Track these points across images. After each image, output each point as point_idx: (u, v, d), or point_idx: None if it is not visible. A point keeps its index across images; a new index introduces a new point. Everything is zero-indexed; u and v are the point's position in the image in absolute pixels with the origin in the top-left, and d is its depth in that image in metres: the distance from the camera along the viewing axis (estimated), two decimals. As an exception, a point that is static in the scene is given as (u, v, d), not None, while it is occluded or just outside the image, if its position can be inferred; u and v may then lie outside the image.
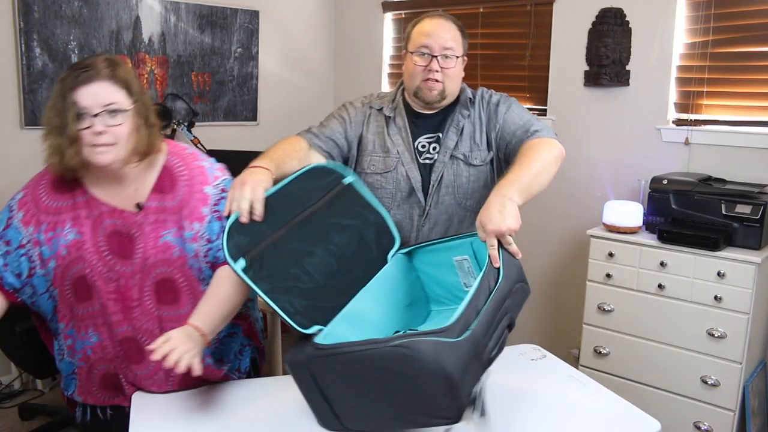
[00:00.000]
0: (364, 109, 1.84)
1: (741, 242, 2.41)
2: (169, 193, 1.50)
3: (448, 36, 1.70)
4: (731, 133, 2.69)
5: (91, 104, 1.35)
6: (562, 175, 3.39)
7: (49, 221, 1.46)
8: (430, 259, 1.62)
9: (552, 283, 3.33)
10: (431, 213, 1.75)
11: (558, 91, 3.23)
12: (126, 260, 1.46)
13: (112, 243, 1.46)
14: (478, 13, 3.49)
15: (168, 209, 1.49)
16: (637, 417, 1.42)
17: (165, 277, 1.48)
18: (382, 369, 1.13)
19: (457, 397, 1.11)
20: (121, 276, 1.46)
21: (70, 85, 1.35)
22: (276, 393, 1.52)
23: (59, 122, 1.36)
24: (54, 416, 2.81)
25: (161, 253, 1.47)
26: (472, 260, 1.54)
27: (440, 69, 1.69)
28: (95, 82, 1.35)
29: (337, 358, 1.18)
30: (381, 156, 1.78)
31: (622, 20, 2.93)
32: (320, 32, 4.23)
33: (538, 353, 1.71)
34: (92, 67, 1.36)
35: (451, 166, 1.75)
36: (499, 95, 1.82)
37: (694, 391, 2.47)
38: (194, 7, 3.55)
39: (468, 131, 1.77)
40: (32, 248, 1.46)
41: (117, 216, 1.47)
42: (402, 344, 1.09)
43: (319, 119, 1.86)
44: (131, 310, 1.48)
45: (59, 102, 1.36)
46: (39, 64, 3.05)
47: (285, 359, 1.25)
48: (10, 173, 3.04)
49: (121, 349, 1.49)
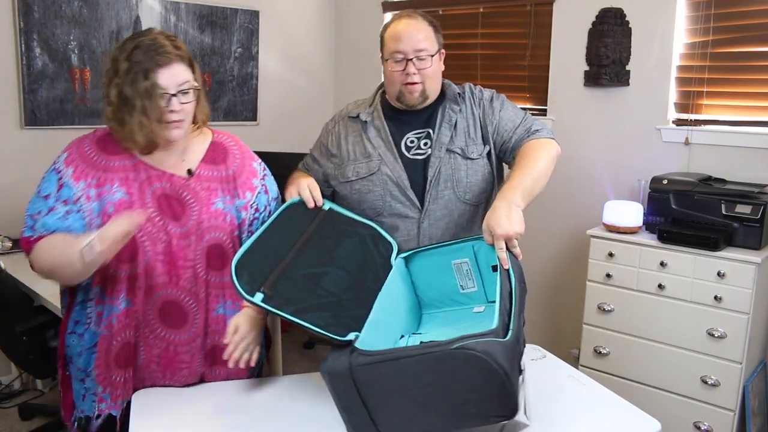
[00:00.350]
0: (336, 128, 1.85)
1: (741, 242, 2.41)
2: (221, 164, 1.60)
3: (420, 36, 1.68)
4: (731, 133, 2.69)
5: (169, 84, 1.43)
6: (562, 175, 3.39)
7: (98, 177, 1.48)
8: (428, 263, 1.64)
9: (552, 283, 3.33)
10: (430, 208, 1.74)
11: (558, 91, 3.23)
12: (177, 222, 1.50)
13: (162, 205, 1.50)
14: (478, 13, 3.49)
15: (221, 178, 1.59)
16: (637, 417, 1.42)
17: (216, 243, 1.54)
18: (440, 372, 1.15)
19: (513, 395, 1.15)
20: (172, 237, 1.49)
21: (147, 66, 1.41)
22: (276, 393, 1.52)
23: (137, 101, 1.42)
24: (54, 416, 2.82)
25: (214, 218, 1.54)
26: (472, 263, 1.58)
27: (417, 71, 1.69)
28: (173, 64, 1.44)
29: (388, 364, 1.18)
30: (363, 161, 1.77)
31: (622, 20, 2.93)
32: (320, 32, 4.23)
33: (538, 353, 1.71)
34: (164, 48, 1.43)
35: (449, 161, 1.74)
36: (490, 91, 1.82)
37: (694, 391, 2.48)
38: (194, 7, 3.55)
39: (461, 126, 1.77)
40: (85, 203, 1.47)
41: (166, 180, 1.52)
42: (464, 346, 1.13)
43: (319, 119, 1.87)
44: (180, 273, 1.50)
45: (136, 81, 1.41)
46: (39, 64, 3.05)
47: (322, 368, 1.22)
48: (10, 173, 3.04)
49: (160, 314, 1.50)
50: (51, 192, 1.47)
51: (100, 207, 1.46)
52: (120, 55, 1.44)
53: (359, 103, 1.88)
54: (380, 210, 1.75)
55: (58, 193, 1.47)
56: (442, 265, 1.61)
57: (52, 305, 2.33)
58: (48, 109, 3.10)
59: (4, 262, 2.57)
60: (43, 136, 3.09)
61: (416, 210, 1.74)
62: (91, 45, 3.20)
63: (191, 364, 1.55)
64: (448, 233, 1.74)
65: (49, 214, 1.45)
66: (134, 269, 1.47)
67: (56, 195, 1.47)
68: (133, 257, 1.47)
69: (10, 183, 3.05)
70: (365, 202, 1.76)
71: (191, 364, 1.55)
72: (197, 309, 1.53)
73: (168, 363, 1.53)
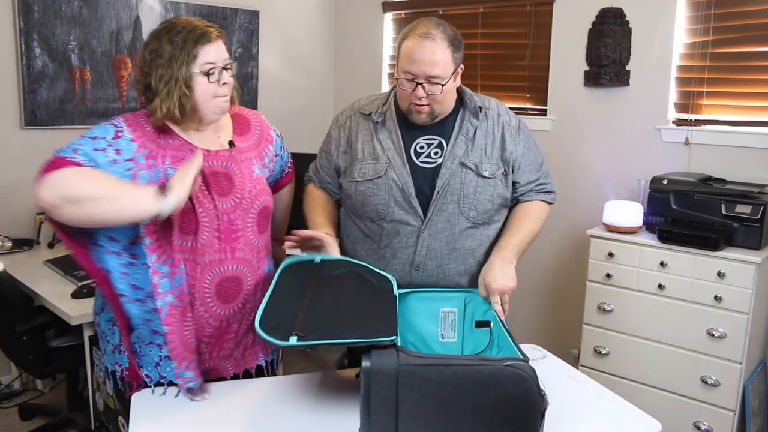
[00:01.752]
0: (348, 123, 1.81)
1: (741, 242, 2.41)
2: (246, 134, 1.70)
3: (435, 60, 1.59)
4: (731, 133, 2.69)
5: (217, 59, 1.50)
6: (562, 176, 3.40)
7: (153, 149, 1.50)
8: (417, 306, 1.64)
9: (552, 283, 3.33)
10: (432, 219, 1.70)
11: (558, 91, 3.23)
12: (226, 197, 1.55)
13: (211, 182, 1.54)
14: (478, 13, 3.49)
15: (251, 147, 1.69)
16: (637, 417, 1.42)
17: (266, 205, 1.65)
18: (484, 386, 1.18)
19: (542, 416, 1.21)
20: (223, 213, 1.54)
21: (194, 41, 1.47)
22: (276, 393, 1.52)
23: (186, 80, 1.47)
24: (54, 416, 2.82)
25: (258, 184, 1.64)
26: (459, 314, 1.65)
27: (426, 95, 1.62)
28: (218, 41, 1.51)
29: (439, 368, 1.19)
30: (371, 163, 1.73)
31: (622, 20, 2.93)
32: (320, 32, 4.23)
33: (538, 353, 1.72)
34: (205, 27, 1.49)
35: (460, 174, 1.69)
36: (517, 118, 1.81)
37: (694, 391, 2.48)
38: (194, 7, 3.55)
39: (480, 143, 1.72)
40: (134, 166, 1.48)
41: (212, 157, 1.57)
42: (512, 365, 1.20)
43: (319, 119, 1.87)
44: (234, 245, 1.56)
45: (181, 57, 1.46)
46: (39, 64, 3.05)
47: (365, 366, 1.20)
48: (10, 173, 3.04)
49: (216, 292, 1.54)
50: (105, 137, 1.47)
51: (149, 177, 1.48)
52: (159, 43, 1.47)
53: (372, 99, 1.82)
54: (383, 214, 1.72)
55: (113, 140, 1.47)
56: (430, 310, 1.63)
57: (52, 305, 2.33)
58: (48, 109, 3.10)
59: (4, 262, 2.57)
60: (43, 136, 3.09)
61: (418, 219, 1.70)
62: (91, 45, 3.20)
63: (238, 331, 1.61)
64: (447, 247, 1.71)
65: (96, 152, 1.44)
66: (195, 242, 1.50)
67: (110, 141, 1.47)
68: (194, 230, 1.50)
69: (10, 183, 3.05)
70: (368, 205, 1.73)
71: (238, 332, 1.61)
72: (249, 275, 1.60)
73: (218, 336, 1.58)
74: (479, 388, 1.18)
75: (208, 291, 1.53)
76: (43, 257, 2.82)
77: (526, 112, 3.36)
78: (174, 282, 1.47)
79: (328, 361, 3.31)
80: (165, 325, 1.44)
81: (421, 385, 1.19)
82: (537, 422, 1.20)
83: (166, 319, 1.45)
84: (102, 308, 1.62)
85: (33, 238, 3.04)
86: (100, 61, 3.24)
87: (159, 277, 1.45)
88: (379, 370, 1.20)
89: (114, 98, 3.31)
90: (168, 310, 1.45)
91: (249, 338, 1.66)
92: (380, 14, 3.97)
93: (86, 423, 2.63)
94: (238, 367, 1.66)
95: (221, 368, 1.63)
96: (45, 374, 2.60)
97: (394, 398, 1.19)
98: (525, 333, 3.34)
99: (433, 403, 1.19)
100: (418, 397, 1.19)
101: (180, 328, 1.46)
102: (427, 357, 1.22)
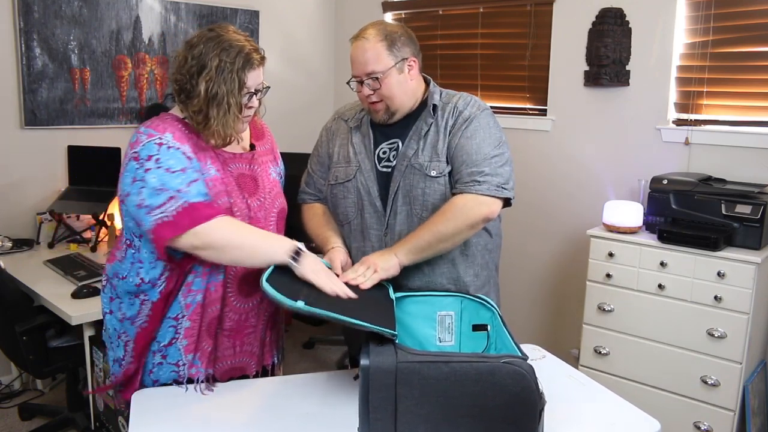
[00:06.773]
0: (332, 127, 1.87)
1: (741, 242, 2.41)
2: (262, 138, 1.77)
3: (368, 58, 1.65)
4: (731, 133, 2.69)
5: (253, 85, 1.57)
6: (562, 175, 3.40)
7: (197, 152, 1.55)
8: (413, 309, 1.63)
9: (552, 283, 3.33)
10: (391, 223, 1.72)
11: (558, 91, 3.23)
12: (253, 197, 1.63)
13: (241, 183, 1.61)
14: (478, 13, 3.49)
15: (266, 151, 1.75)
16: (637, 417, 1.42)
17: (283, 207, 1.72)
18: (482, 382, 1.18)
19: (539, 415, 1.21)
20: (253, 211, 1.62)
21: (240, 68, 1.52)
22: (276, 393, 1.52)
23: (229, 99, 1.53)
24: (54, 416, 2.81)
25: (276, 186, 1.71)
26: (456, 317, 1.63)
27: (372, 91, 1.68)
28: (259, 68, 1.57)
29: (438, 365, 1.19)
30: (343, 166, 1.78)
31: (622, 20, 2.93)
32: (320, 32, 4.23)
33: (538, 353, 1.72)
34: (254, 54, 1.55)
35: (409, 176, 1.69)
36: (476, 110, 1.70)
37: (694, 391, 2.48)
38: (194, 7, 3.55)
39: (431, 140, 1.70)
40: (199, 176, 1.53)
41: (238, 160, 1.64)
42: (511, 362, 1.19)
43: (319, 119, 1.88)
44: None
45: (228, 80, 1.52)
46: (39, 64, 3.05)
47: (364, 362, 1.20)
48: (10, 173, 3.04)
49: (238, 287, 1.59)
50: (185, 166, 1.49)
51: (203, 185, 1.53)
52: (207, 50, 1.50)
53: (353, 105, 1.87)
54: (351, 218, 1.76)
55: (191, 164, 1.51)
56: (426, 313, 1.63)
57: (52, 305, 2.33)
58: (48, 109, 3.10)
59: (4, 262, 2.57)
60: (43, 136, 3.09)
61: (382, 223, 1.73)
62: (91, 45, 3.20)
63: (256, 326, 1.66)
64: None
65: (191, 185, 1.48)
66: None
67: (190, 166, 1.50)
68: None
69: (10, 183, 3.05)
70: (339, 207, 1.78)
71: (256, 326, 1.66)
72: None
73: (238, 330, 1.62)
74: (477, 385, 1.18)
75: (231, 286, 1.58)
76: (43, 257, 2.82)
77: (526, 112, 3.36)
78: (204, 282, 1.55)
79: (328, 361, 3.31)
80: (189, 320, 1.55)
81: (419, 382, 1.19)
82: (535, 419, 1.20)
83: (191, 316, 1.55)
84: (111, 310, 1.62)
85: (33, 238, 3.04)
86: (100, 61, 3.24)
87: (194, 276, 1.54)
88: (378, 367, 1.20)
89: (114, 98, 3.31)
90: (195, 308, 1.55)
91: (267, 335, 1.72)
92: (380, 14, 3.97)
93: (86, 423, 2.63)
94: (259, 365, 1.71)
95: (245, 365, 1.67)
96: (45, 374, 2.60)
97: (392, 395, 1.19)
98: (525, 333, 3.34)
99: (432, 400, 1.19)
100: (416, 394, 1.19)
101: (200, 324, 1.56)
102: (426, 354, 1.23)
